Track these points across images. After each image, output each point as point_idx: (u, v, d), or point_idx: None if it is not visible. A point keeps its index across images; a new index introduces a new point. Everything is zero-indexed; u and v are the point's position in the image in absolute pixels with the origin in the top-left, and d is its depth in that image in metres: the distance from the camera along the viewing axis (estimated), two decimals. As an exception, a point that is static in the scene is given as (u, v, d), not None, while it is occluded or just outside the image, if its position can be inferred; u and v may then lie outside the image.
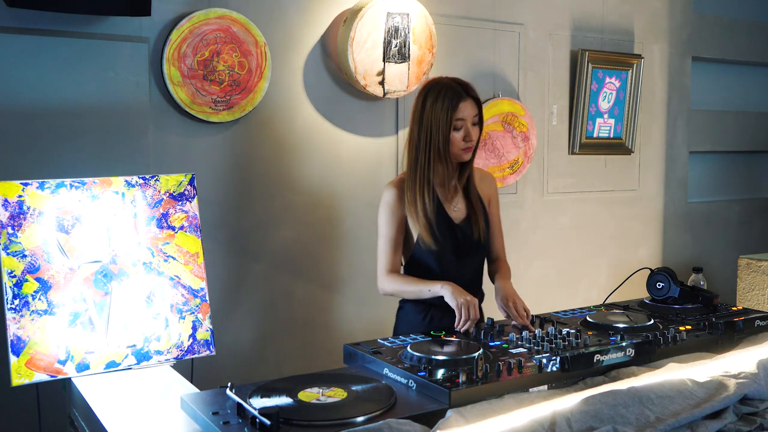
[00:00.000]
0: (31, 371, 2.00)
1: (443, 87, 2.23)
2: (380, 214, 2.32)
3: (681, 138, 4.43)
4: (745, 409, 1.72)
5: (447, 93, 2.21)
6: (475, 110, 2.25)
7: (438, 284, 2.19)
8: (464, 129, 2.23)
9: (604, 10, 4.00)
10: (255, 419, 1.48)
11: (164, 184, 2.27)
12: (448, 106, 2.20)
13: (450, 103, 2.20)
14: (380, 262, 2.31)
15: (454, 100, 2.20)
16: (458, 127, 2.23)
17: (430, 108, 2.22)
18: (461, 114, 2.21)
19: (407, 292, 2.28)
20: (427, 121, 2.23)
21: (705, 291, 2.41)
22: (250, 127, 3.02)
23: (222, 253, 2.98)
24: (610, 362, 1.84)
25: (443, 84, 2.24)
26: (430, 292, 2.21)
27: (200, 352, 2.25)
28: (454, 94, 2.21)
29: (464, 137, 2.23)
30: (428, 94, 2.24)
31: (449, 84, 2.24)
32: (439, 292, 2.18)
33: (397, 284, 2.28)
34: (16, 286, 2.02)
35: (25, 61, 2.57)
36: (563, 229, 3.98)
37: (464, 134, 2.23)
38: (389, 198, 2.30)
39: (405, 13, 3.15)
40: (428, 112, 2.22)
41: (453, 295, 2.13)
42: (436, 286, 2.19)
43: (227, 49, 2.86)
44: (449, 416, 1.52)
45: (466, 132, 2.23)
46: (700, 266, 3.22)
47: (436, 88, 2.24)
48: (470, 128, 2.24)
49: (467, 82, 2.27)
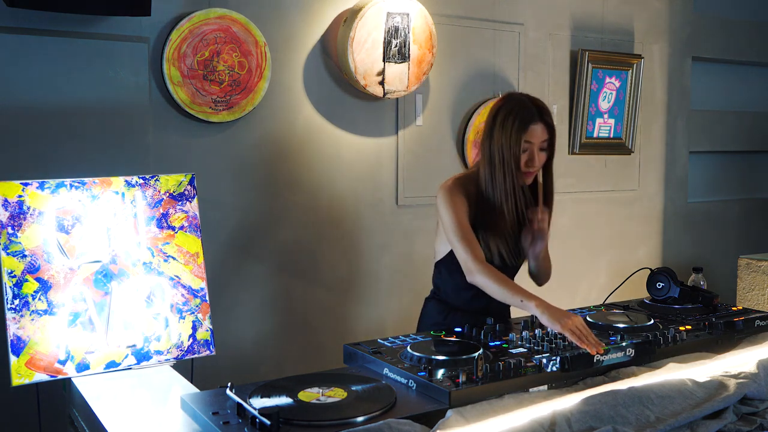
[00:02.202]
0: (31, 371, 2.00)
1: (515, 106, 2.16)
2: (446, 208, 2.19)
3: (681, 138, 4.43)
4: (745, 409, 1.72)
5: (519, 114, 2.14)
6: (545, 135, 2.16)
7: (533, 301, 2.00)
8: (529, 153, 2.15)
9: (604, 10, 4.00)
10: (255, 419, 1.48)
11: (164, 184, 2.27)
12: (518, 128, 2.13)
13: (520, 125, 2.13)
14: (466, 251, 2.14)
15: (524, 123, 2.13)
16: (524, 149, 2.15)
17: (501, 125, 2.15)
18: (529, 138, 2.14)
19: (495, 291, 2.10)
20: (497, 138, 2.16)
21: (705, 291, 2.41)
22: (250, 127, 3.02)
23: (222, 253, 2.98)
24: (610, 362, 1.84)
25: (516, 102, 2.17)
26: (522, 303, 2.03)
27: (200, 352, 2.25)
28: (526, 115, 2.13)
29: (527, 161, 2.16)
30: (500, 111, 2.17)
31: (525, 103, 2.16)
32: (533, 310, 2.00)
33: (490, 280, 2.10)
34: (16, 286, 2.02)
35: (25, 61, 2.57)
36: (563, 229, 3.98)
37: (528, 158, 2.16)
38: (451, 194, 2.20)
39: (405, 13, 3.15)
40: (498, 129, 2.16)
41: (552, 320, 1.93)
42: (531, 303, 2.00)
43: (227, 49, 2.86)
44: (449, 416, 1.52)
45: (531, 155, 2.16)
46: (700, 266, 3.22)
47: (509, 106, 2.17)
48: (536, 153, 2.15)
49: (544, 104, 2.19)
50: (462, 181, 2.25)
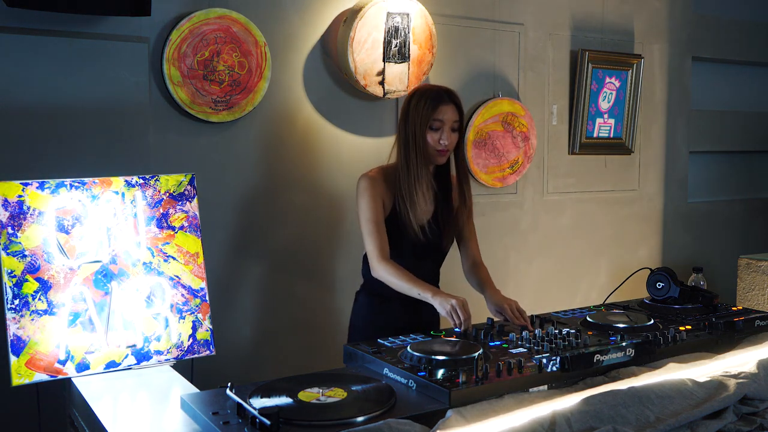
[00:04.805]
0: (31, 371, 2.00)
1: (427, 90, 2.34)
2: (361, 200, 2.35)
3: (681, 138, 4.43)
4: (745, 409, 1.73)
5: (430, 95, 2.32)
6: (455, 116, 2.33)
7: (429, 292, 2.20)
8: (441, 131, 2.30)
9: (604, 10, 4.00)
10: (255, 419, 1.48)
11: (164, 184, 2.27)
12: (429, 106, 2.29)
13: (431, 103, 2.30)
14: (371, 246, 2.32)
15: (434, 102, 2.30)
16: (436, 128, 2.29)
17: (414, 107, 2.32)
18: (439, 115, 2.29)
19: (397, 285, 2.28)
20: (411, 119, 2.32)
21: (705, 291, 2.41)
22: (250, 127, 3.02)
23: (222, 253, 2.98)
24: (610, 362, 1.85)
25: (427, 88, 2.36)
26: (419, 296, 2.23)
27: (200, 352, 2.25)
28: (436, 96, 2.31)
29: (439, 139, 2.29)
30: (414, 96, 2.35)
31: (434, 87, 2.36)
32: (429, 300, 2.20)
33: (391, 274, 2.28)
34: (16, 286, 2.02)
35: (25, 61, 2.57)
36: (563, 229, 3.98)
37: (439, 136, 2.30)
38: (368, 185, 2.35)
39: (405, 13, 3.15)
40: (412, 111, 2.32)
41: (441, 305, 2.15)
42: (427, 293, 2.20)
43: (227, 49, 2.86)
44: (449, 416, 1.53)
45: (442, 134, 2.30)
46: (700, 266, 3.22)
47: (421, 91, 2.35)
48: (447, 132, 2.30)
49: (453, 90, 2.37)
50: (384, 169, 2.42)
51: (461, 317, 2.09)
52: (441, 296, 2.17)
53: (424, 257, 2.41)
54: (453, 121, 2.32)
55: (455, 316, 2.10)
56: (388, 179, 2.37)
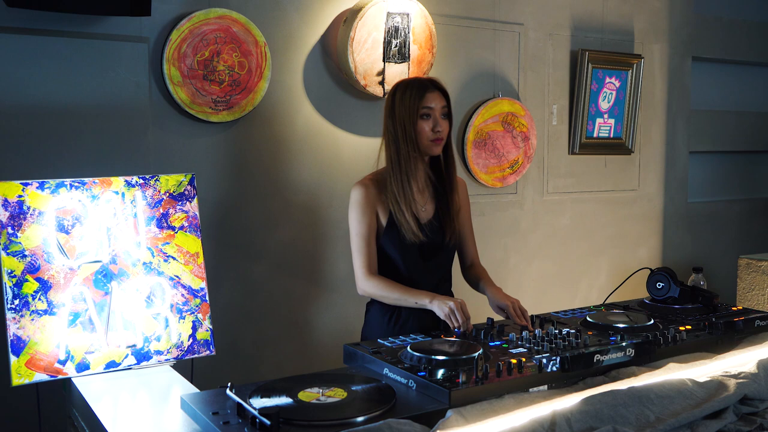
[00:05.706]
0: (31, 371, 2.00)
1: (411, 81, 2.31)
2: (351, 213, 2.35)
3: (681, 138, 4.43)
4: (745, 409, 1.73)
5: (414, 85, 2.28)
6: (443, 102, 2.29)
7: (426, 298, 2.19)
8: (432, 119, 2.27)
9: (604, 10, 4.00)
10: (255, 419, 1.48)
11: (164, 184, 2.27)
12: (416, 96, 2.26)
13: (417, 93, 2.26)
14: (358, 262, 2.31)
15: (421, 90, 2.26)
16: (426, 116, 2.26)
17: (399, 100, 2.28)
18: (428, 103, 2.26)
19: (390, 299, 2.26)
20: (398, 113, 2.28)
21: (705, 291, 2.41)
22: (250, 127, 3.02)
23: (222, 253, 2.98)
24: (610, 362, 1.84)
25: (410, 79, 2.33)
26: (417, 304, 2.21)
27: (200, 352, 2.25)
28: (420, 85, 2.28)
29: (433, 127, 2.26)
30: (397, 90, 2.31)
31: (416, 78, 2.34)
32: (427, 306, 2.19)
33: (379, 289, 2.27)
34: (16, 286, 2.02)
35: (25, 61, 2.57)
36: (563, 229, 3.98)
37: (433, 124, 2.26)
38: (359, 196, 2.33)
39: (405, 13, 3.15)
40: (398, 105, 2.28)
41: (439, 308, 2.14)
42: (424, 300, 2.19)
43: (227, 49, 2.86)
44: (449, 416, 1.53)
45: (435, 122, 2.27)
46: (700, 266, 3.22)
47: (404, 83, 2.32)
48: (439, 119, 2.27)
49: (436, 78, 2.35)
50: (376, 174, 2.38)
51: (460, 319, 2.09)
52: (439, 300, 2.16)
53: (432, 257, 2.36)
54: (442, 107, 2.28)
55: (454, 319, 2.10)
56: (381, 183, 2.33)
